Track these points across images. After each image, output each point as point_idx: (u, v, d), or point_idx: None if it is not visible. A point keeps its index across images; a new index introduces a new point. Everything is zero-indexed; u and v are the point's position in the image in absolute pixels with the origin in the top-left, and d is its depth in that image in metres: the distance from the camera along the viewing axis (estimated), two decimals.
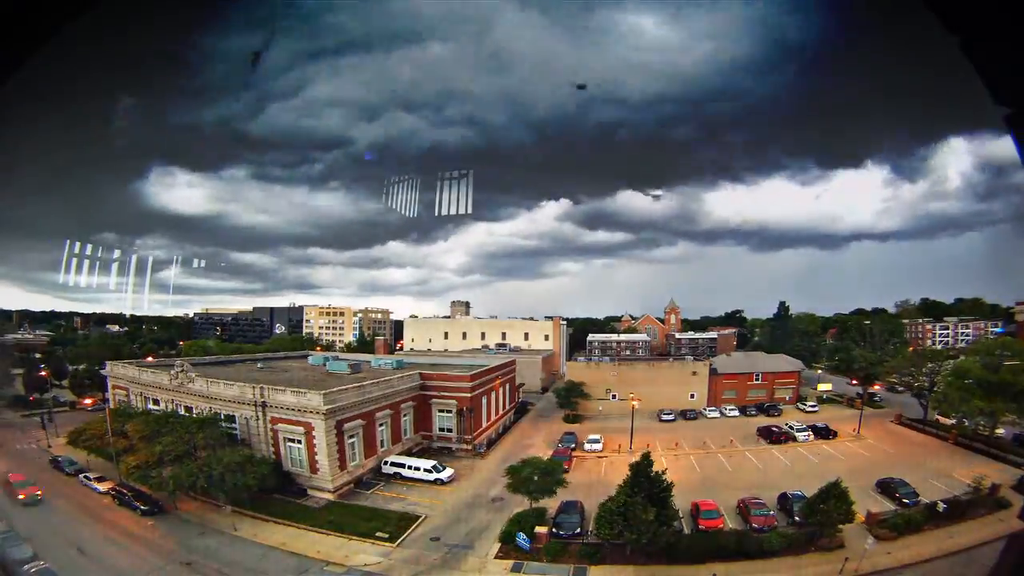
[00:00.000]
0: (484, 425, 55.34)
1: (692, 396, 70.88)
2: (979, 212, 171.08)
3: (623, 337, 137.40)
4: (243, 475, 35.24)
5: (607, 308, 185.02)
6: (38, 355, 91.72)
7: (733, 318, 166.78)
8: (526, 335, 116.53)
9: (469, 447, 50.82)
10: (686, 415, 66.20)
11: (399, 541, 32.50)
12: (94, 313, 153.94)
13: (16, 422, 59.45)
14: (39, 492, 37.83)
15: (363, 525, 34.20)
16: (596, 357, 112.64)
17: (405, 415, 49.90)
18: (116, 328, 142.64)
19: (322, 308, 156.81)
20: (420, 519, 35.35)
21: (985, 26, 2.38)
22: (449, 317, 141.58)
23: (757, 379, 72.87)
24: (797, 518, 32.29)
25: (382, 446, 45.91)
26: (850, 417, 58.50)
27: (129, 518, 35.85)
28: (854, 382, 74.50)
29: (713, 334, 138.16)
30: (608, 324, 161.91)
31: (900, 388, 68.11)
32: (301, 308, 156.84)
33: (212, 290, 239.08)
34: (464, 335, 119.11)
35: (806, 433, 54.19)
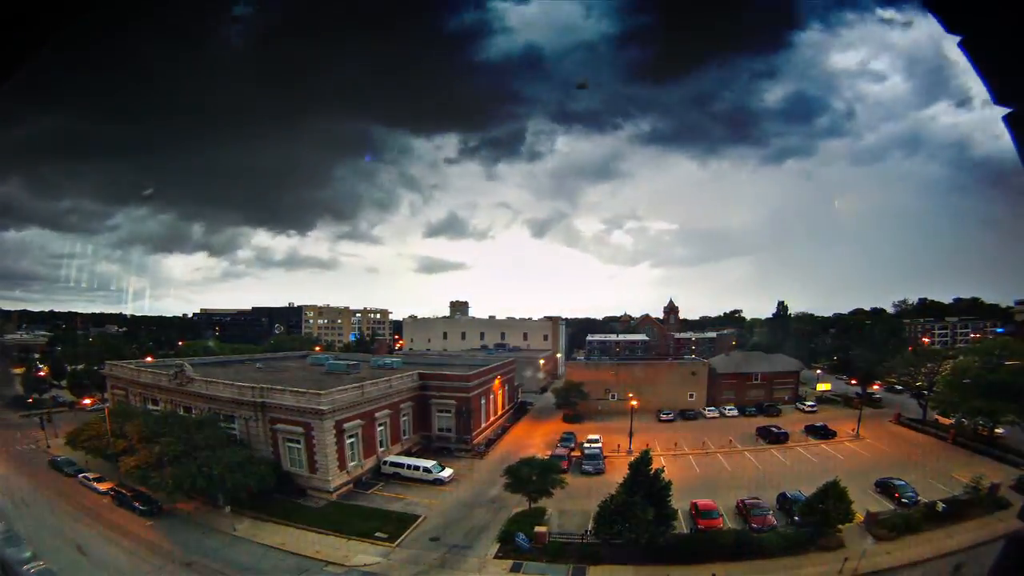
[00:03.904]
0: (483, 425, 55.35)
1: (691, 396, 70.91)
2: None
3: (622, 337, 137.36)
4: (242, 475, 35.21)
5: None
6: (37, 355, 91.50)
7: (732, 318, 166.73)
8: (525, 335, 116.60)
9: (468, 447, 50.81)
10: (685, 415, 66.26)
11: (398, 541, 32.49)
12: (93, 313, 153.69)
13: (15, 422, 59.33)
14: None
15: (362, 525, 34.19)
16: (595, 357, 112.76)
17: (404, 415, 49.87)
18: (115, 328, 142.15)
19: (320, 308, 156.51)
20: (419, 519, 35.35)
21: (985, 25, 2.38)
22: (448, 317, 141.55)
23: (756, 379, 72.95)
24: (796, 518, 32.30)
25: (381, 446, 45.87)
26: (849, 417, 58.50)
27: (129, 518, 35.74)
28: (853, 382, 74.55)
29: (712, 334, 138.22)
30: (607, 324, 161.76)
31: (899, 388, 68.23)
32: (300, 308, 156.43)
33: None
34: (463, 335, 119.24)
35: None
